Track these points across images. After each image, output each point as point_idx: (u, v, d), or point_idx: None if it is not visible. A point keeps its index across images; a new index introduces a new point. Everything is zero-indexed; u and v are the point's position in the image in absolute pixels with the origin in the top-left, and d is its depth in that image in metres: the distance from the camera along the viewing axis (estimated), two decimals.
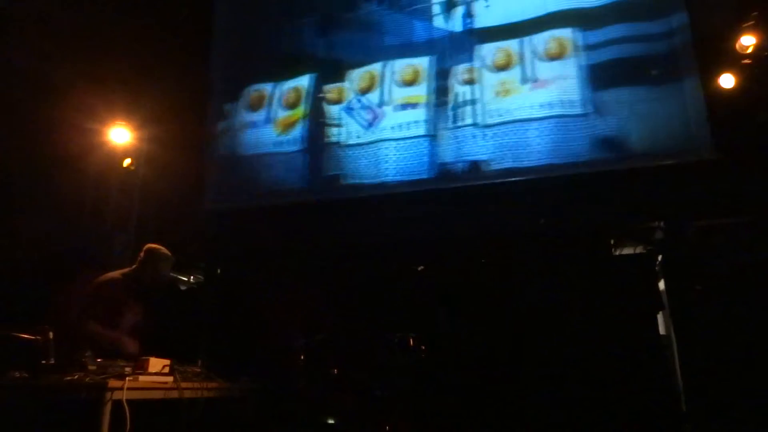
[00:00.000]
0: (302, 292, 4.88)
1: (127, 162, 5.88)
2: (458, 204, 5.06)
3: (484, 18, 5.38)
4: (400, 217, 5.14)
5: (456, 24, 5.44)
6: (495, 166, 4.96)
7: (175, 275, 6.22)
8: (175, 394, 3.21)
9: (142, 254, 4.01)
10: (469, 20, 5.40)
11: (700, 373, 4.09)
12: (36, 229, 5.14)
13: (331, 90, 5.65)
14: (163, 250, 4.04)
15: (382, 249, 5.11)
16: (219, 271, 5.70)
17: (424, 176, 5.15)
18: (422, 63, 5.44)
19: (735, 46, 4.72)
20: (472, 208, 4.99)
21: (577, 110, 4.86)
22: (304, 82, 5.78)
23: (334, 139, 5.50)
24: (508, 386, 4.32)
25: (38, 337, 3.20)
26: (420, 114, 5.28)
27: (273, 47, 6.02)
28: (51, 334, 3.14)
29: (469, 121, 5.12)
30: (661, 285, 4.55)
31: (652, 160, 4.61)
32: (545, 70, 5.03)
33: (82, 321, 3.66)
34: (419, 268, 4.83)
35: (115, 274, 3.96)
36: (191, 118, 5.92)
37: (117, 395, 2.81)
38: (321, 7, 5.93)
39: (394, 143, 5.29)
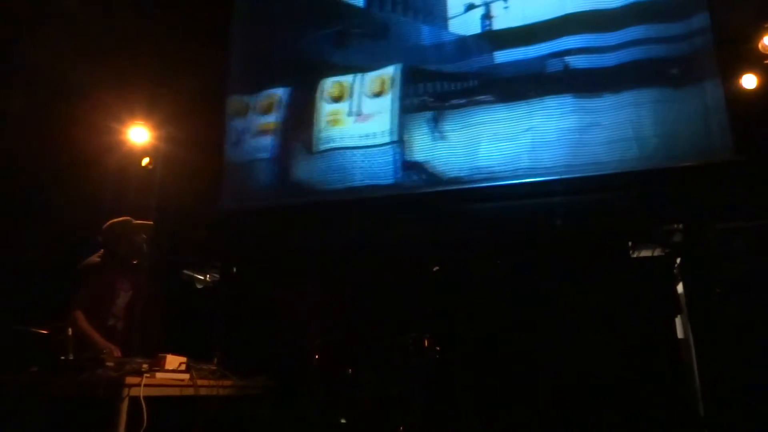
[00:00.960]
0: (318, 292, 4.90)
1: (145, 161, 5.93)
2: (473, 206, 5.04)
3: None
4: (416, 218, 5.14)
5: None
6: None
7: (190, 273, 6.28)
8: (191, 392, 3.24)
9: (106, 231, 3.99)
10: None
11: (718, 378, 4.03)
12: (55, 227, 5.22)
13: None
14: (129, 219, 4.03)
15: (398, 249, 5.10)
16: (235, 270, 5.74)
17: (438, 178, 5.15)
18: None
19: (758, 46, 4.65)
20: (487, 209, 4.97)
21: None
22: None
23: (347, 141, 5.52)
24: (523, 388, 4.30)
25: (57, 334, 3.25)
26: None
27: (291, 51, 6.05)
28: (69, 331, 3.18)
29: None
30: (680, 288, 4.50)
31: (672, 162, 4.56)
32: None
33: (69, 313, 3.60)
34: (435, 269, 4.82)
35: (93, 258, 3.92)
36: (209, 118, 5.97)
37: (134, 392, 2.84)
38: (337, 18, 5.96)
39: None
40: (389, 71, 5.55)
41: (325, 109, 5.69)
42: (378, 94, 5.52)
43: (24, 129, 5.41)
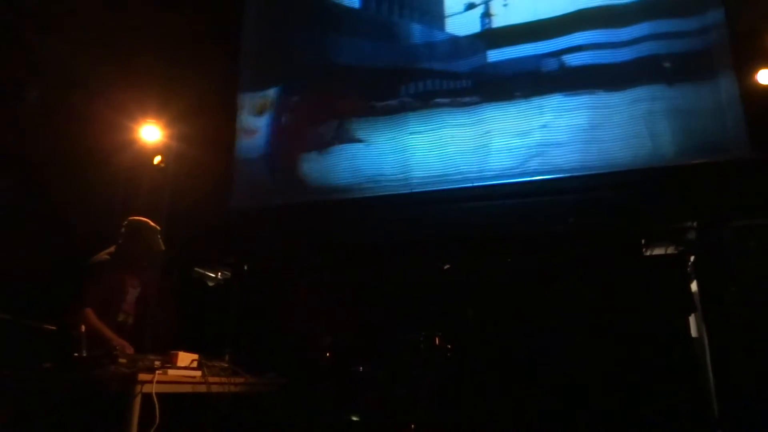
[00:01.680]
0: (329, 290, 4.90)
1: (157, 159, 5.96)
2: (485, 204, 5.02)
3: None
4: (427, 216, 5.13)
5: None
6: None
7: (201, 271, 6.31)
8: (203, 389, 3.25)
9: (124, 229, 3.97)
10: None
11: (732, 377, 3.99)
12: (68, 225, 5.25)
13: None
14: (148, 221, 4.04)
15: (409, 248, 5.10)
16: (246, 267, 5.76)
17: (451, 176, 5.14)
18: None
19: None
20: (499, 208, 4.95)
21: None
22: None
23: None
24: (534, 385, 4.28)
25: (69, 330, 3.27)
26: None
27: (296, 51, 6.07)
28: (82, 327, 3.20)
29: None
30: (694, 286, 4.45)
31: (686, 159, 4.51)
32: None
33: (79, 309, 3.59)
34: (445, 267, 4.81)
35: (102, 255, 3.90)
36: (220, 117, 5.99)
37: (147, 388, 2.85)
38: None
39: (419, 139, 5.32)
40: None
41: None
42: None
43: (37, 127, 5.45)
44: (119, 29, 5.88)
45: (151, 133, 5.82)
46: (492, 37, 5.36)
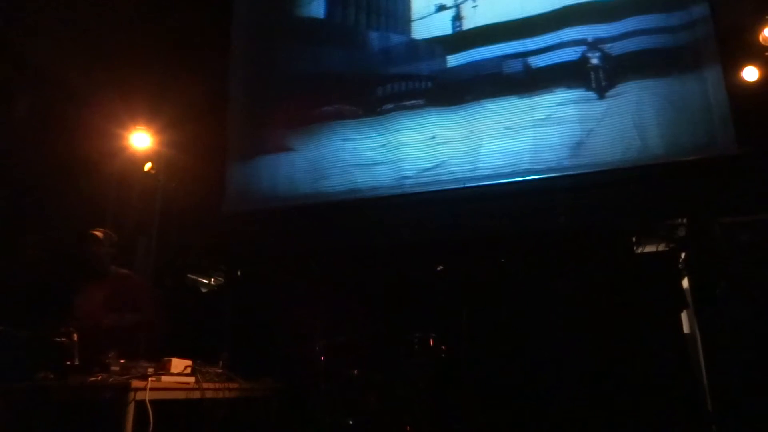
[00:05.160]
0: (322, 294, 4.90)
1: (148, 166, 5.95)
2: (476, 204, 5.03)
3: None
4: (419, 218, 5.14)
5: None
6: None
7: (195, 278, 6.29)
8: (197, 395, 3.24)
9: None
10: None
11: (725, 372, 4.01)
12: (59, 232, 5.23)
13: None
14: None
15: (401, 250, 5.10)
16: (239, 273, 5.75)
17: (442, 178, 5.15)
18: None
19: (758, 38, 4.63)
20: (490, 208, 4.96)
21: None
22: None
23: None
24: (528, 385, 4.29)
25: (64, 339, 3.25)
26: None
27: (288, 59, 6.09)
28: (75, 336, 3.19)
29: None
30: (685, 283, 4.48)
31: (675, 156, 4.55)
32: None
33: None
34: (438, 269, 4.82)
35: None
36: (211, 123, 5.98)
37: (140, 395, 2.84)
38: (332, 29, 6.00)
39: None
40: None
41: None
42: None
43: (27, 133, 5.44)
44: (109, 36, 5.87)
45: (141, 140, 5.81)
46: (478, 35, 5.38)
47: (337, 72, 5.80)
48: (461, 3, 5.50)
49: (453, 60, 5.42)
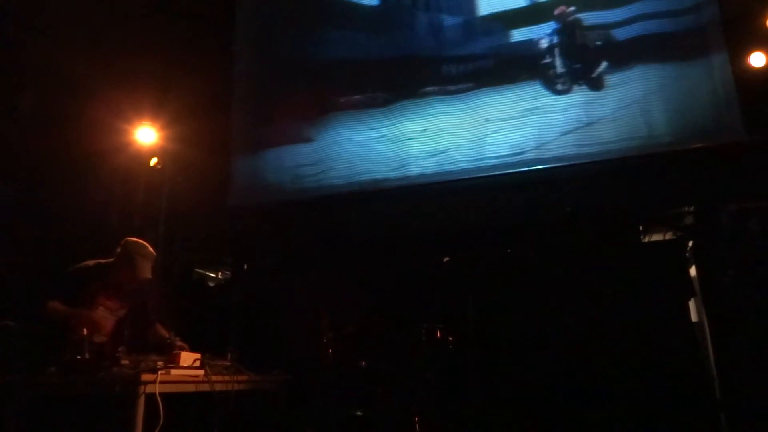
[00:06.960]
0: (329, 286, 4.90)
1: (153, 161, 5.96)
2: (483, 194, 5.02)
3: None
4: (425, 209, 5.13)
5: None
6: None
7: (202, 272, 6.31)
8: (206, 387, 3.26)
9: (120, 249, 3.68)
10: None
11: (733, 360, 4.00)
12: (66, 228, 5.25)
13: None
14: (146, 245, 3.70)
15: (408, 241, 5.10)
16: (246, 266, 5.76)
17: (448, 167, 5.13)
18: None
19: (765, 23, 4.58)
20: (497, 198, 4.95)
21: None
22: None
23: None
24: (536, 375, 4.29)
25: (72, 334, 3.27)
26: None
27: (294, 50, 6.06)
28: (84, 331, 3.20)
29: None
30: (693, 271, 4.46)
31: (681, 143, 4.52)
32: None
33: (42, 303, 3.48)
34: (445, 260, 4.81)
35: (90, 262, 3.70)
36: (216, 117, 5.99)
37: (150, 389, 2.86)
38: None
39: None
40: None
41: None
42: None
43: (33, 129, 5.45)
44: (114, 31, 5.88)
45: (146, 135, 5.83)
46: (486, 22, 5.34)
47: (345, 58, 5.78)
48: None
49: (460, 49, 5.38)
